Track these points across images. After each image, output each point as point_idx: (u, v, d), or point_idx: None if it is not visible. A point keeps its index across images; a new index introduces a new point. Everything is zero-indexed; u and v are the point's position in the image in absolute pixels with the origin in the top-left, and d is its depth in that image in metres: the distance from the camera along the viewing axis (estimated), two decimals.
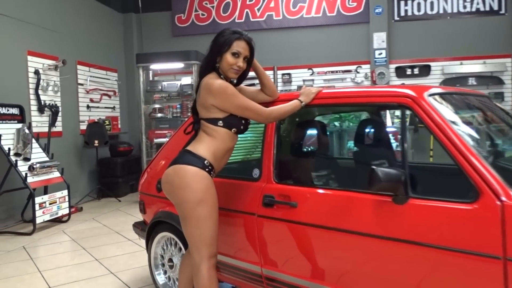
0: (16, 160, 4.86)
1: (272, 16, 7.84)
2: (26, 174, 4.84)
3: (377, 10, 7.44)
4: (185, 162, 2.01)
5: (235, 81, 2.19)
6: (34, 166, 4.94)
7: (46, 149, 5.55)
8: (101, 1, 7.60)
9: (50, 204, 5.03)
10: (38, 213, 4.86)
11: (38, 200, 4.87)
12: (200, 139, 2.09)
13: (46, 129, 5.86)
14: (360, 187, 1.87)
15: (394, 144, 3.20)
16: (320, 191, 2.05)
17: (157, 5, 8.27)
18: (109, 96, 7.70)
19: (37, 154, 5.24)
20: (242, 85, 2.27)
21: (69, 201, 5.38)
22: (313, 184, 2.32)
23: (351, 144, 6.18)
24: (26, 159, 4.99)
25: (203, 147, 2.04)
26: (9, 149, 4.86)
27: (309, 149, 2.36)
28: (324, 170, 2.32)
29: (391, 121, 6.33)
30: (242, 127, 2.09)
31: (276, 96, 2.31)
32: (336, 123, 6.25)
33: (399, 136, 5.84)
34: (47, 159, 5.34)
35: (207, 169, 2.00)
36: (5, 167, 4.92)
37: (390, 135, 3.30)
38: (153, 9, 8.28)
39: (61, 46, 6.45)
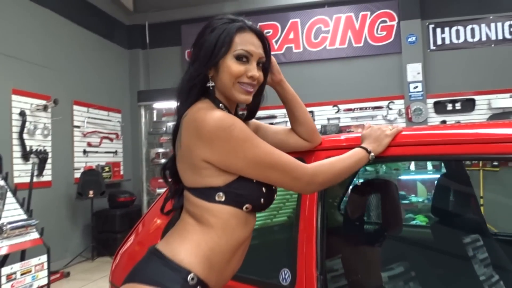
0: None
1: (292, 49, 7.03)
2: None
3: (410, 39, 6.58)
4: (148, 280, 1.02)
5: (244, 113, 1.25)
6: (3, 228, 4.01)
7: (25, 204, 4.64)
8: (104, 36, 6.93)
9: (22, 274, 4.06)
10: (5, 287, 3.88)
11: (5, 270, 3.90)
12: (182, 228, 1.11)
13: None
14: None
15: None
16: None
17: (165, 40, 7.57)
18: (111, 139, 6.87)
19: (13, 211, 4.33)
20: (256, 120, 1.30)
21: (48, 268, 4.39)
22: None
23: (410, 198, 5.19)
24: None
25: (186, 246, 1.06)
26: None
27: (379, 232, 1.37)
28: (406, 273, 1.29)
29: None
30: (262, 200, 1.09)
31: (318, 140, 1.36)
32: (383, 166, 5.17)
33: None
34: (24, 217, 4.43)
35: None
36: None
37: None
38: (162, 44, 7.57)
39: (55, 84, 5.68)
